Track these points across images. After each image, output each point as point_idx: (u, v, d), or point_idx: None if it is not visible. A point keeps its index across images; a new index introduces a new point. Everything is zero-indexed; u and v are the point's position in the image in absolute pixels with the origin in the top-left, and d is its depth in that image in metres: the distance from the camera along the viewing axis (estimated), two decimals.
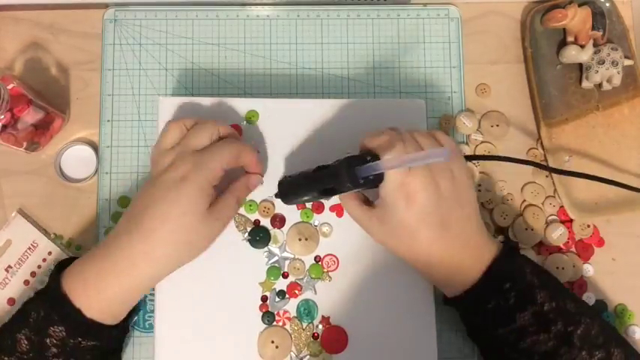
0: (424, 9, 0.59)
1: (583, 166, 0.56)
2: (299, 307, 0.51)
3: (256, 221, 0.52)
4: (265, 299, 0.51)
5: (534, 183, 0.57)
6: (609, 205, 0.55)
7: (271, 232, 0.51)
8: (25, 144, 0.53)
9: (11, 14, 0.58)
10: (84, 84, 0.57)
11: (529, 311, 0.43)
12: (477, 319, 0.46)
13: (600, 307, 0.55)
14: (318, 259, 0.52)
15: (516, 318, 0.44)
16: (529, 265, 0.46)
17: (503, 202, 0.56)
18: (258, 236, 0.51)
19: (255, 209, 0.52)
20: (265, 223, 0.52)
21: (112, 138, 0.56)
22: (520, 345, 0.44)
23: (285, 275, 0.51)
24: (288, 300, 0.51)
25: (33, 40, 0.57)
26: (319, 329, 0.50)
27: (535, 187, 0.56)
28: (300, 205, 0.52)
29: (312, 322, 0.50)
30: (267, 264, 0.51)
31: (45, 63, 0.57)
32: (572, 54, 0.56)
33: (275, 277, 0.51)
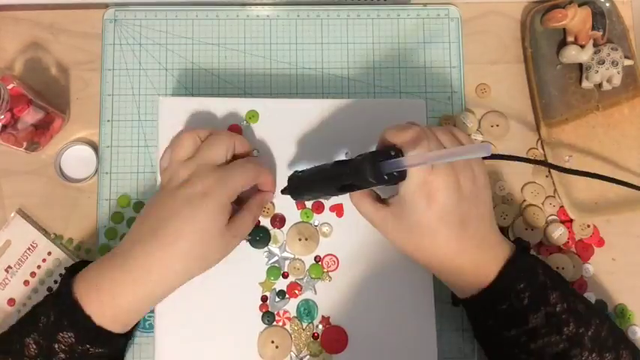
0: (424, 9, 0.59)
1: (583, 166, 0.55)
2: (299, 307, 0.51)
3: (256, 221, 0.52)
4: (265, 299, 0.51)
5: (534, 183, 0.57)
6: (609, 205, 0.55)
7: (271, 232, 0.51)
8: (25, 144, 0.53)
9: (11, 14, 0.58)
10: (84, 84, 0.57)
11: (542, 312, 0.43)
12: (489, 320, 0.45)
13: (600, 307, 0.55)
14: (318, 259, 0.51)
15: (529, 319, 0.43)
16: (540, 266, 0.46)
17: (503, 202, 0.56)
18: (258, 236, 0.51)
19: None
20: (265, 223, 0.52)
21: (112, 138, 0.56)
22: (531, 346, 0.43)
23: (285, 275, 0.51)
24: (288, 300, 0.51)
25: (33, 40, 0.57)
26: (319, 329, 0.50)
27: (535, 187, 0.57)
28: (300, 205, 0.52)
29: (312, 322, 0.50)
30: (267, 264, 0.51)
31: (45, 63, 0.57)
32: (572, 54, 0.56)
33: (275, 277, 0.51)
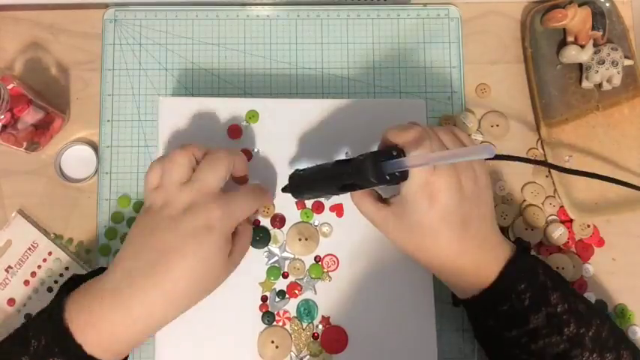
0: (424, 9, 0.59)
1: (583, 166, 0.55)
2: (299, 307, 0.51)
3: (256, 221, 0.52)
4: (265, 299, 0.51)
5: (534, 183, 0.57)
6: (609, 205, 0.55)
7: (271, 232, 0.51)
8: (25, 144, 0.53)
9: (11, 14, 0.58)
10: (84, 84, 0.57)
11: (542, 313, 0.43)
12: (490, 320, 0.45)
13: (600, 307, 0.55)
14: (318, 259, 0.52)
15: (530, 319, 0.43)
16: (541, 266, 0.46)
17: (503, 202, 0.56)
18: (258, 236, 0.51)
19: None
20: (265, 223, 0.52)
21: (112, 138, 0.56)
22: (532, 347, 0.43)
23: (285, 275, 0.51)
24: (288, 300, 0.51)
25: (33, 40, 0.57)
26: (319, 329, 0.50)
27: (535, 187, 0.56)
28: (300, 205, 0.52)
29: (312, 322, 0.50)
30: (267, 264, 0.51)
31: (45, 63, 0.57)
32: (572, 54, 0.56)
33: (275, 277, 0.51)
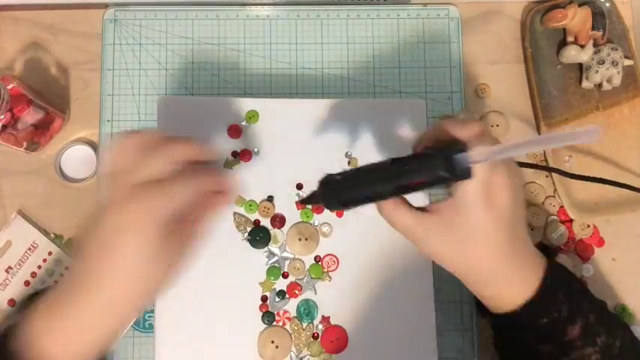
0: (424, 9, 0.59)
1: (583, 166, 0.56)
2: (299, 307, 0.51)
3: (256, 221, 0.52)
4: (265, 299, 0.51)
5: (534, 183, 0.57)
6: (609, 205, 0.55)
7: (271, 232, 0.51)
8: (25, 144, 0.53)
9: (11, 14, 0.58)
10: (84, 84, 0.57)
11: (578, 323, 0.41)
12: (529, 334, 0.42)
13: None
14: (318, 259, 0.52)
15: (567, 331, 0.41)
16: (569, 272, 0.44)
17: None
18: (258, 236, 0.51)
19: (255, 209, 0.52)
20: (265, 223, 0.52)
21: (112, 138, 0.56)
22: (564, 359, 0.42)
23: (285, 275, 0.51)
24: (288, 300, 0.51)
25: (33, 40, 0.57)
26: (319, 329, 0.50)
27: (535, 187, 0.56)
28: (300, 205, 0.52)
29: (312, 322, 0.50)
30: (267, 264, 0.51)
31: (45, 63, 0.57)
32: (572, 54, 0.56)
33: (275, 277, 0.51)
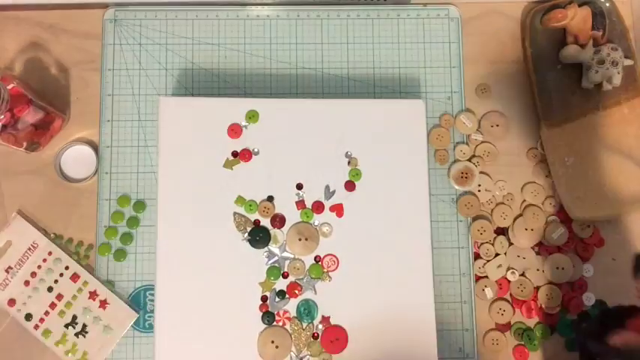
0: (424, 9, 0.59)
1: (583, 166, 0.55)
2: (299, 307, 0.51)
3: (256, 221, 0.52)
4: (265, 299, 0.51)
5: (534, 183, 0.57)
6: (609, 205, 0.55)
7: (271, 232, 0.51)
8: (25, 144, 0.53)
9: (12, 14, 0.58)
10: (84, 84, 0.57)
11: None
12: None
13: (600, 307, 0.55)
14: (318, 259, 0.52)
15: None
16: None
17: (503, 202, 0.56)
18: (258, 236, 0.51)
19: (255, 209, 0.52)
20: (265, 223, 0.52)
21: (112, 138, 0.56)
22: None
23: (285, 275, 0.51)
24: (288, 300, 0.51)
25: (33, 40, 0.57)
26: (319, 329, 0.50)
27: (535, 187, 0.56)
28: (300, 205, 0.52)
29: (312, 322, 0.50)
30: (267, 264, 0.51)
31: (45, 63, 0.57)
32: (572, 54, 0.56)
33: (275, 277, 0.51)
